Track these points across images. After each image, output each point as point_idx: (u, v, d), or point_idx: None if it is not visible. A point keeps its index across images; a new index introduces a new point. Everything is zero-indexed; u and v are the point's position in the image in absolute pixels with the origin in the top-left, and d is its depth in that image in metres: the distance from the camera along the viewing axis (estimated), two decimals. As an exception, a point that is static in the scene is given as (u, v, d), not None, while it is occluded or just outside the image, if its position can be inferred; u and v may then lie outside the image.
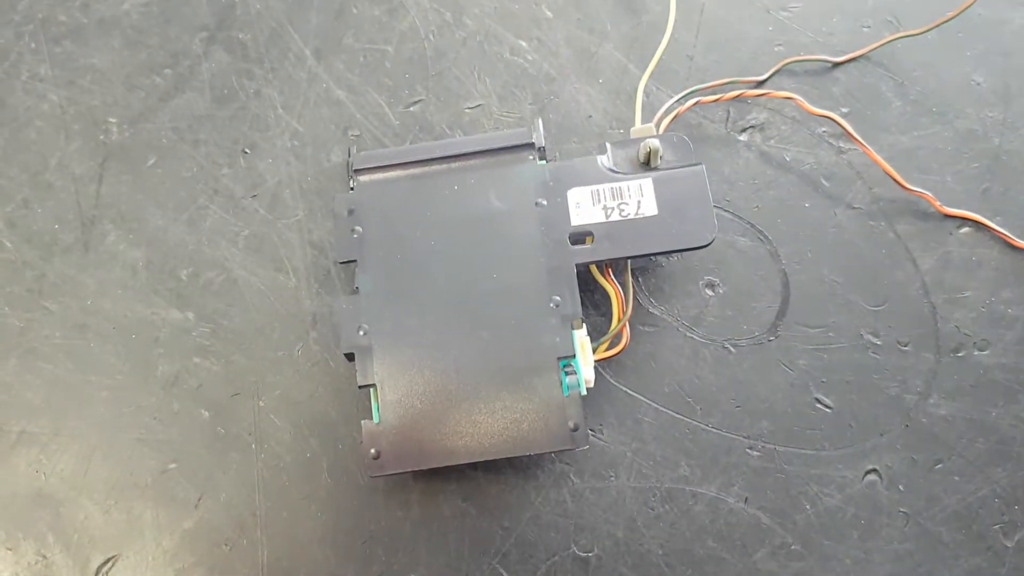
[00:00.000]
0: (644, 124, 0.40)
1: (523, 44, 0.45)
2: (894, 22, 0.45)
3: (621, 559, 0.37)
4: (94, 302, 0.42)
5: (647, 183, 0.38)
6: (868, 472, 0.37)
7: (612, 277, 0.38)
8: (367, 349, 0.36)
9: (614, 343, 0.38)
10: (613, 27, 0.46)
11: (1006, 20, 0.44)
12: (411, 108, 0.44)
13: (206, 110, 0.45)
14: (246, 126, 0.44)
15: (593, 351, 0.36)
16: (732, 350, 0.39)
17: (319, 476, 0.38)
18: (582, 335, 0.36)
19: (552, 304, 0.36)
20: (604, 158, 0.39)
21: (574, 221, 0.37)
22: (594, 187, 0.38)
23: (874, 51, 0.44)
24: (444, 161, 0.39)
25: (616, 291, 0.38)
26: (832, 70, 0.44)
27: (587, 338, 0.36)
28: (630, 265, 0.38)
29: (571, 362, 0.35)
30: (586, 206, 0.37)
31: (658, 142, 0.38)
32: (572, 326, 0.36)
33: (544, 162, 0.39)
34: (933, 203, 0.40)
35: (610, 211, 0.37)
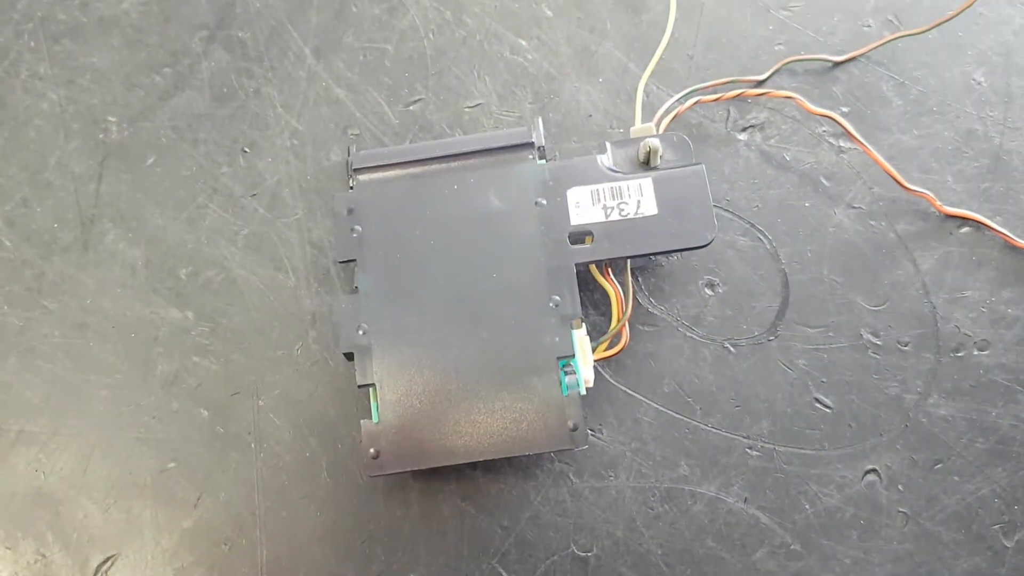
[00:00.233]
0: (644, 123, 0.40)
1: (523, 43, 0.45)
2: (895, 21, 0.45)
3: (620, 559, 0.37)
4: (93, 301, 0.42)
5: (647, 183, 0.38)
6: (868, 472, 0.37)
7: (612, 277, 0.38)
8: (366, 348, 0.36)
9: (613, 343, 0.38)
10: (613, 26, 0.46)
11: (1006, 20, 0.44)
12: (411, 107, 0.44)
13: (205, 109, 0.45)
14: (246, 125, 0.44)
15: (592, 351, 0.36)
16: (732, 350, 0.39)
17: (318, 475, 0.38)
18: (581, 335, 0.36)
19: (552, 304, 0.36)
20: (604, 157, 0.38)
21: (574, 220, 0.37)
22: (594, 186, 0.38)
23: (875, 50, 0.43)
24: (444, 160, 0.39)
25: (616, 291, 0.38)
26: (832, 69, 0.44)
27: (586, 338, 0.36)
28: (630, 265, 0.38)
29: (570, 362, 0.35)
30: (586, 205, 0.37)
31: (658, 141, 0.38)
32: (571, 326, 0.36)
33: (544, 161, 0.39)
34: (933, 203, 0.40)
35: (610, 211, 0.37)
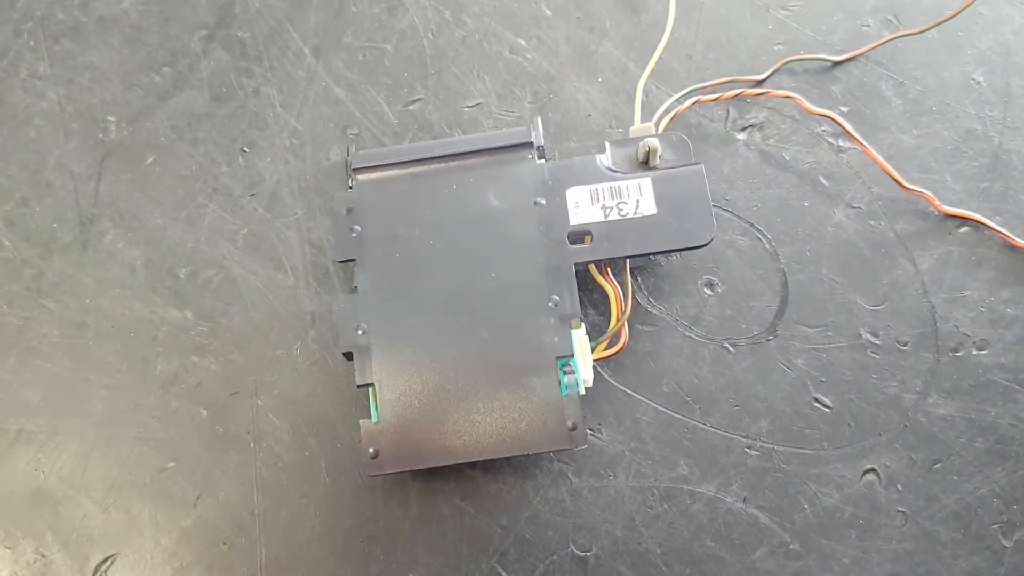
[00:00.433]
0: (643, 123, 0.40)
1: (522, 43, 0.45)
2: (894, 21, 0.45)
3: (619, 558, 0.37)
4: (93, 301, 0.42)
5: (646, 182, 0.38)
6: (867, 472, 0.37)
7: (611, 276, 0.38)
8: (366, 348, 0.36)
9: (613, 342, 0.38)
10: (613, 26, 0.45)
11: (1006, 19, 0.44)
12: (410, 107, 0.44)
13: (205, 108, 0.45)
14: (245, 124, 0.44)
15: (592, 350, 0.36)
16: (731, 349, 0.39)
17: (318, 475, 0.38)
18: (581, 334, 0.36)
19: (551, 303, 0.36)
20: (603, 157, 0.38)
21: (573, 220, 0.37)
22: (593, 186, 0.38)
23: (874, 50, 0.43)
24: (443, 160, 0.39)
25: (615, 290, 0.38)
26: (832, 69, 0.44)
27: (586, 337, 0.36)
28: (629, 264, 0.38)
29: (569, 361, 0.35)
30: (585, 205, 0.37)
31: (657, 141, 0.38)
32: (571, 325, 0.36)
33: (543, 161, 0.39)
34: (933, 203, 0.40)
35: (609, 210, 0.37)
